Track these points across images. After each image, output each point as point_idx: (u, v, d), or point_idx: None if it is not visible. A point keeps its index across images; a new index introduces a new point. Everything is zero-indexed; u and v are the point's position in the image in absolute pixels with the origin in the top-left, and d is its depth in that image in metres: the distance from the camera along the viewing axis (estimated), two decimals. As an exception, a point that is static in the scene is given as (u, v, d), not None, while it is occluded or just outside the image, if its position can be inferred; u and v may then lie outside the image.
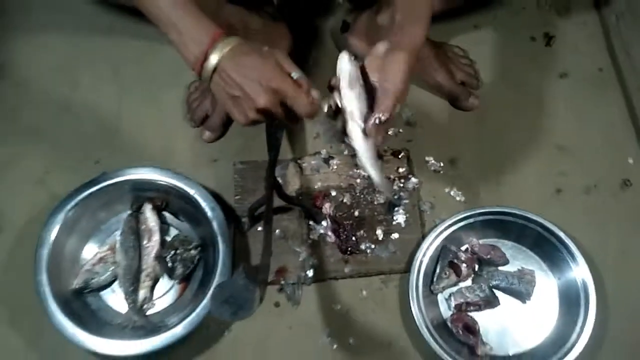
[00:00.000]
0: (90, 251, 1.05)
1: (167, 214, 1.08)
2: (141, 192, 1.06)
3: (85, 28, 1.26)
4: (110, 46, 1.24)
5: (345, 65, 0.76)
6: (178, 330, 0.94)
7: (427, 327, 0.96)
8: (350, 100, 0.75)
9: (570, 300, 0.98)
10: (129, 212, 1.06)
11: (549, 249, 1.01)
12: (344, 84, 0.75)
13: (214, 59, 0.74)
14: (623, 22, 1.14)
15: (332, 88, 0.77)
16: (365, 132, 0.75)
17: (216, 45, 0.75)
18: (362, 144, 0.76)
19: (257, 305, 0.74)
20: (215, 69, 0.75)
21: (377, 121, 0.74)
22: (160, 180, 1.04)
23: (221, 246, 0.99)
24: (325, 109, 0.78)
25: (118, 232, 1.04)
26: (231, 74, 0.74)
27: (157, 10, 0.77)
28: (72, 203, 1.01)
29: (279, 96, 0.75)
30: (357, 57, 0.77)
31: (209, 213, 1.02)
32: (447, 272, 1.01)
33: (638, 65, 1.10)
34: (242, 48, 0.75)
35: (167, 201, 1.07)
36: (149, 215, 1.05)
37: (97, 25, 1.25)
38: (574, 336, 0.94)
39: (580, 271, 0.98)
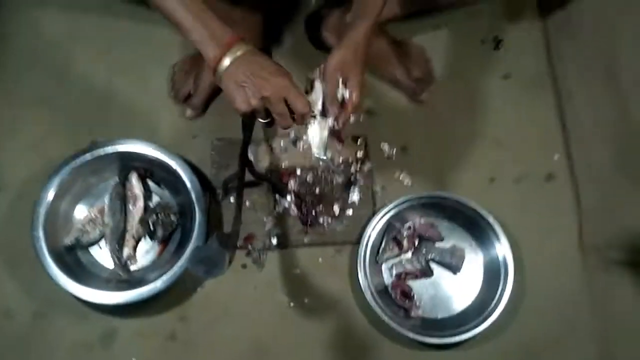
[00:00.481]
0: (82, 212, 1.19)
1: (150, 183, 1.22)
2: (128, 162, 1.19)
3: (83, 5, 1.34)
4: (105, 24, 1.33)
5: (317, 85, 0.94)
6: (157, 285, 1.09)
7: (370, 291, 1.13)
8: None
9: (493, 273, 1.16)
10: (116, 179, 1.20)
11: (478, 229, 1.18)
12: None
13: (227, 60, 0.87)
14: (560, 35, 1.29)
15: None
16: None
17: (231, 49, 0.88)
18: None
19: (227, 266, 0.89)
20: (227, 68, 0.88)
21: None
22: (146, 153, 1.17)
23: (198, 213, 1.14)
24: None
25: (107, 197, 1.18)
26: (244, 67, 0.87)
27: (179, 17, 0.89)
28: (67, 168, 1.14)
29: (282, 93, 0.88)
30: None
31: (188, 184, 1.16)
32: (391, 246, 1.18)
33: (569, 74, 1.25)
34: (253, 53, 0.89)
35: (151, 171, 1.21)
36: (135, 183, 1.19)
37: (95, 3, 1.35)
38: (494, 303, 1.12)
39: (502, 249, 1.15)
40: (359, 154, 1.25)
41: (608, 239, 1.12)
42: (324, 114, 0.96)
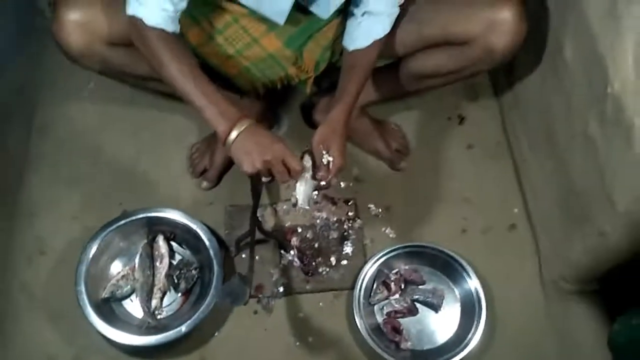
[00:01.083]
0: (116, 269, 1.38)
1: (174, 244, 1.43)
2: (155, 226, 1.41)
3: (112, 98, 1.61)
4: (131, 113, 1.59)
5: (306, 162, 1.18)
6: (182, 329, 1.27)
7: (365, 329, 1.32)
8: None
9: (469, 309, 1.35)
10: (145, 241, 1.41)
11: (453, 272, 1.39)
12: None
13: (234, 133, 1.10)
14: (512, 112, 1.57)
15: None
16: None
17: (237, 124, 1.11)
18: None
19: (247, 299, 1.09)
20: (235, 139, 1.11)
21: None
22: (171, 217, 1.40)
23: (216, 268, 1.34)
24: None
25: (137, 256, 1.38)
26: (249, 139, 1.10)
27: (196, 100, 1.12)
28: (105, 232, 1.36)
29: (280, 156, 1.11)
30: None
31: (207, 242, 1.37)
32: (381, 289, 1.38)
33: (521, 141, 1.51)
34: (255, 126, 1.12)
35: (175, 234, 1.42)
36: (161, 244, 1.39)
37: (121, 96, 1.60)
38: (471, 334, 1.31)
39: (475, 288, 1.35)
40: (350, 214, 1.48)
41: (561, 273, 1.33)
42: (314, 177, 1.20)
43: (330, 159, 1.18)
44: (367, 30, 1.26)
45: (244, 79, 1.40)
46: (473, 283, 1.36)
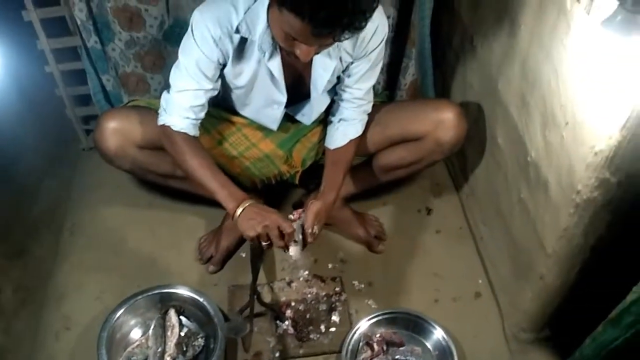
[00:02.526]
0: (133, 338, 1.58)
1: (183, 318, 1.63)
2: (168, 302, 1.63)
3: (133, 204, 1.91)
4: (150, 215, 1.88)
5: (296, 227, 1.45)
6: (190, 386, 1.45)
7: (353, 384, 1.49)
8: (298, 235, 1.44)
9: (443, 365, 1.53)
10: (159, 315, 1.62)
11: (428, 334, 1.58)
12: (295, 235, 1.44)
13: (240, 209, 1.40)
14: (469, 199, 1.87)
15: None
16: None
17: (242, 203, 1.40)
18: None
19: (247, 331, 1.34)
20: (241, 213, 1.40)
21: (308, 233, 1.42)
22: (181, 293, 1.62)
23: (219, 333, 1.53)
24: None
25: (151, 327, 1.58)
26: (251, 211, 1.39)
27: (209, 184, 1.43)
28: (124, 306, 1.57)
29: (276, 223, 1.38)
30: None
31: (212, 313, 1.58)
32: (365, 349, 1.56)
33: (479, 223, 1.79)
34: (256, 203, 1.41)
35: (184, 308, 1.64)
36: (172, 316, 1.60)
37: (141, 202, 1.91)
38: (446, 386, 1.48)
39: (448, 346, 1.53)
40: (337, 289, 1.71)
41: (519, 325, 1.52)
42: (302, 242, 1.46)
43: (317, 229, 1.45)
44: (343, 133, 1.61)
45: (245, 176, 1.72)
46: (445, 342, 1.54)
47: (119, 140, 1.57)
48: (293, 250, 1.43)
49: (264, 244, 1.42)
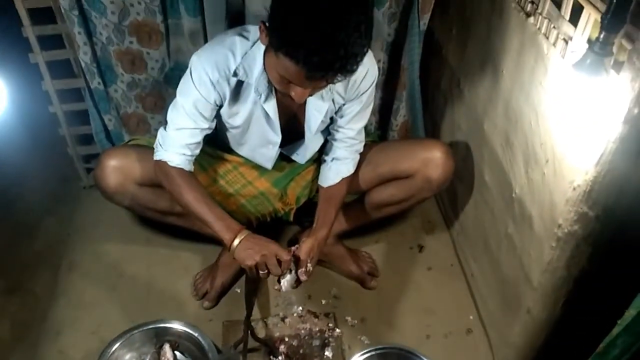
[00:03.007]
0: (128, 371, 1.60)
1: (177, 353, 1.65)
2: (162, 337, 1.65)
3: (130, 241, 1.95)
4: (146, 252, 1.92)
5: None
6: (183, 419, 1.46)
7: (345, 418, 1.50)
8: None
9: (435, 399, 1.55)
10: (153, 350, 1.63)
11: (420, 368, 1.61)
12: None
13: (237, 240, 1.44)
14: (460, 237, 1.91)
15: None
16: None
17: (238, 234, 1.44)
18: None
19: None
20: (239, 243, 1.43)
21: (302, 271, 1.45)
22: (175, 328, 1.64)
23: (214, 368, 1.56)
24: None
25: (147, 360, 1.61)
26: (248, 242, 1.43)
27: (206, 217, 1.47)
28: (119, 340, 1.59)
29: (273, 251, 1.42)
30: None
31: (206, 346, 1.60)
32: (358, 383, 1.58)
33: (468, 259, 1.83)
34: (252, 234, 1.45)
35: (179, 343, 1.66)
36: (167, 351, 1.62)
37: (139, 238, 1.95)
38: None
39: (440, 381, 1.56)
40: (330, 325, 1.73)
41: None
42: (295, 272, 1.49)
43: (310, 266, 1.49)
44: (336, 172, 1.66)
45: (240, 213, 1.76)
46: (438, 376, 1.57)
47: (118, 178, 1.62)
48: (286, 284, 1.46)
49: (261, 273, 1.45)
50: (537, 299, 1.37)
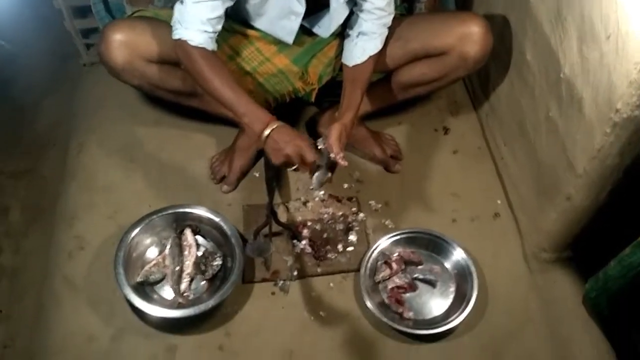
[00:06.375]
0: (150, 255, 1.56)
1: (199, 237, 1.61)
2: (182, 222, 1.60)
3: (139, 122, 1.84)
4: (157, 133, 1.81)
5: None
6: (209, 303, 1.44)
7: (371, 302, 1.49)
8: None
9: (462, 284, 1.53)
10: (174, 234, 1.59)
11: (446, 253, 1.57)
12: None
13: (267, 132, 1.34)
14: (489, 118, 1.81)
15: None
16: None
17: (269, 125, 1.35)
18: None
19: (271, 252, 1.39)
20: (268, 135, 1.34)
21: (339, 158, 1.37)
22: (196, 213, 1.59)
23: (238, 252, 1.52)
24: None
25: (168, 247, 1.56)
26: (277, 136, 1.34)
27: (236, 108, 1.37)
28: (139, 226, 1.54)
29: (299, 149, 1.34)
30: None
31: (229, 233, 1.56)
32: (384, 268, 1.56)
33: (498, 140, 1.74)
34: (282, 126, 1.36)
35: (200, 228, 1.61)
36: (189, 236, 1.57)
37: (147, 119, 1.84)
38: (464, 304, 1.48)
39: (467, 266, 1.53)
40: (354, 209, 1.68)
41: (540, 245, 1.51)
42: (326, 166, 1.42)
43: (341, 154, 1.40)
44: (362, 48, 1.52)
45: (258, 93, 1.64)
46: (464, 261, 1.54)
47: (125, 54, 1.48)
48: (315, 181, 1.40)
49: (290, 169, 1.40)
50: (580, 187, 1.30)
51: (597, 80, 1.21)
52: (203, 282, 1.54)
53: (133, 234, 1.54)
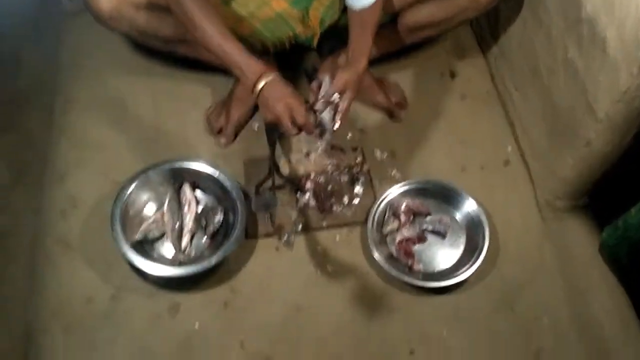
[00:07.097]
0: (147, 212, 1.49)
1: (198, 191, 1.54)
2: (180, 176, 1.51)
3: (129, 72, 1.73)
4: (148, 84, 1.71)
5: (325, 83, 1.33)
6: (212, 260, 1.38)
7: (379, 255, 1.44)
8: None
9: (472, 234, 1.48)
10: (172, 190, 1.51)
11: (456, 203, 1.52)
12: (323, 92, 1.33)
13: (260, 84, 1.26)
14: (498, 61, 1.73)
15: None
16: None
17: (262, 77, 1.26)
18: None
19: (277, 206, 1.35)
20: (261, 89, 1.26)
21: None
22: (194, 168, 1.51)
23: (240, 208, 1.45)
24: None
25: (166, 203, 1.49)
26: (268, 92, 1.26)
27: (228, 57, 1.28)
28: (134, 181, 1.47)
29: (289, 107, 1.26)
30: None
31: (229, 187, 1.49)
32: (392, 220, 1.51)
33: (507, 84, 1.66)
34: (277, 80, 1.28)
35: (198, 183, 1.54)
36: (187, 191, 1.50)
37: (138, 69, 1.73)
38: (476, 255, 1.43)
39: (478, 215, 1.48)
40: (358, 160, 1.61)
41: (554, 192, 1.46)
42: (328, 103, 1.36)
43: (342, 101, 1.34)
44: (370, -12, 1.42)
45: (256, 39, 1.54)
46: (474, 211, 1.49)
47: (112, 0, 1.37)
48: (324, 115, 1.34)
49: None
50: (601, 131, 1.24)
51: (622, 17, 1.12)
52: (204, 239, 1.48)
53: (129, 190, 1.46)
